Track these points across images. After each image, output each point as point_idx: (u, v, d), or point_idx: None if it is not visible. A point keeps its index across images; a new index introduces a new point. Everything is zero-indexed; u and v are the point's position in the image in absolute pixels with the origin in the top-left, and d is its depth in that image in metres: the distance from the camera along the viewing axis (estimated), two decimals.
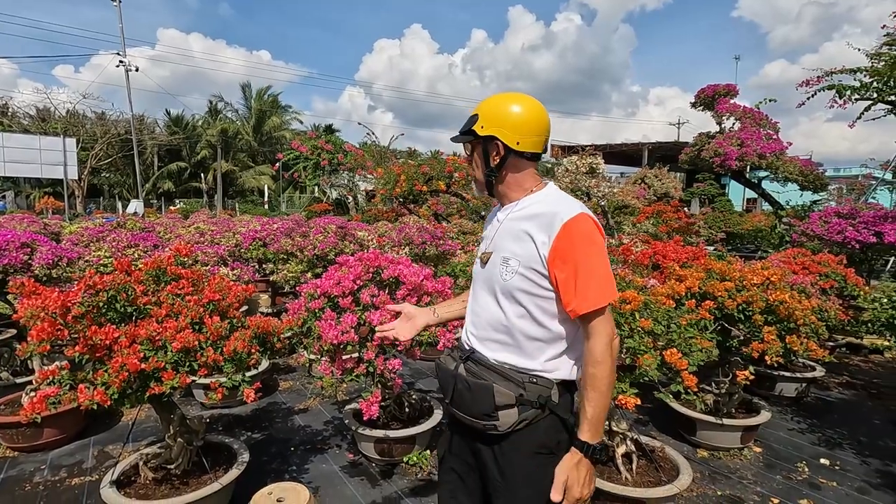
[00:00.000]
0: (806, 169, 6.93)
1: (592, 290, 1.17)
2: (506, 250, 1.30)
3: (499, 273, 1.29)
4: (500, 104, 1.32)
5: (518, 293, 1.26)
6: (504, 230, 1.34)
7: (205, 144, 33.60)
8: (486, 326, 1.34)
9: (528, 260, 1.24)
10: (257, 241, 4.38)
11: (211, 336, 2.10)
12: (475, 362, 1.34)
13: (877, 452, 3.14)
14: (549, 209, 1.25)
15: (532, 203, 1.32)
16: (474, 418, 1.29)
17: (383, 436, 2.82)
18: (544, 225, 1.23)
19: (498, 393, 1.25)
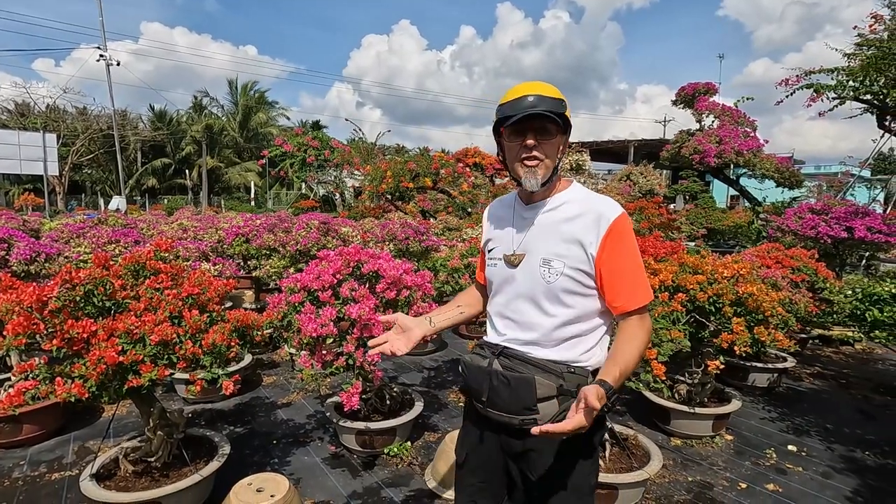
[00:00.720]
0: (782, 166, 7.10)
1: (641, 288, 1.24)
2: (546, 252, 1.28)
3: (540, 275, 1.28)
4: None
5: (563, 294, 1.26)
6: (540, 230, 1.32)
7: (189, 140, 33.17)
8: (523, 329, 1.31)
9: (575, 261, 1.25)
10: (240, 237, 4.38)
11: (190, 329, 2.12)
12: (509, 357, 1.31)
13: (842, 439, 3.26)
14: (592, 208, 1.27)
15: (566, 202, 1.32)
16: (513, 414, 1.27)
17: (364, 427, 2.86)
18: (590, 225, 1.25)
19: (539, 385, 1.23)
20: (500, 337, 1.36)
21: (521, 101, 1.26)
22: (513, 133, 1.29)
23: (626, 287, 1.22)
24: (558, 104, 1.25)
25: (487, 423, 1.38)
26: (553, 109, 1.23)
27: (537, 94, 1.25)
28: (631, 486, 2.39)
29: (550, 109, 1.23)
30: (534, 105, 1.23)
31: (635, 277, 1.23)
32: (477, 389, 1.35)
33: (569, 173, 8.47)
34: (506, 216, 1.43)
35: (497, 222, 1.47)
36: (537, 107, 1.23)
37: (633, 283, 1.23)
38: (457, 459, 1.52)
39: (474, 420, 1.45)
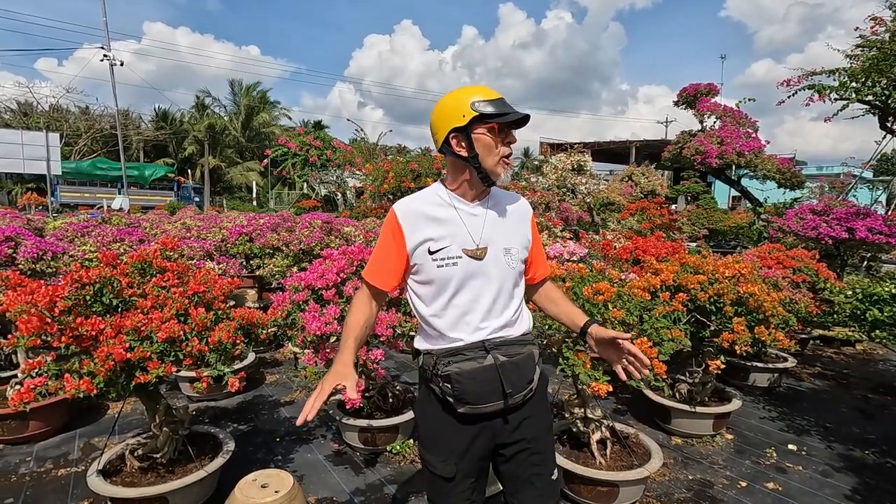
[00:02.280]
0: (784, 167, 7.11)
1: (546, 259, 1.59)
2: (504, 242, 1.43)
3: (505, 263, 1.41)
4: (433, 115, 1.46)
5: (518, 277, 1.46)
6: (495, 223, 1.43)
7: (192, 140, 33.25)
8: (498, 315, 1.41)
9: (521, 247, 1.46)
10: (243, 236, 4.41)
11: (196, 327, 2.15)
12: (499, 346, 1.39)
13: (841, 438, 3.28)
14: (518, 202, 1.52)
15: (499, 198, 1.49)
16: (523, 391, 1.41)
17: (367, 425, 2.89)
18: (524, 215, 1.50)
19: (535, 355, 1.46)
20: (477, 331, 1.36)
21: (505, 103, 1.34)
22: (501, 131, 1.35)
23: (544, 260, 1.59)
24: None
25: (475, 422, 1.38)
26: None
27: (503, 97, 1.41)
28: (631, 483, 2.41)
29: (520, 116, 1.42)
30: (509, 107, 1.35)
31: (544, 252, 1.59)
32: (487, 392, 1.34)
33: (571, 173, 8.48)
34: (447, 215, 1.39)
35: (436, 222, 1.38)
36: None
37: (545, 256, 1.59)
38: (445, 476, 1.43)
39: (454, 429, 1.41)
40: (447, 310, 1.39)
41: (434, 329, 1.40)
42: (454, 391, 1.34)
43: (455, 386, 1.34)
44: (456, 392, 1.34)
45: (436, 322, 1.40)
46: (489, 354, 1.35)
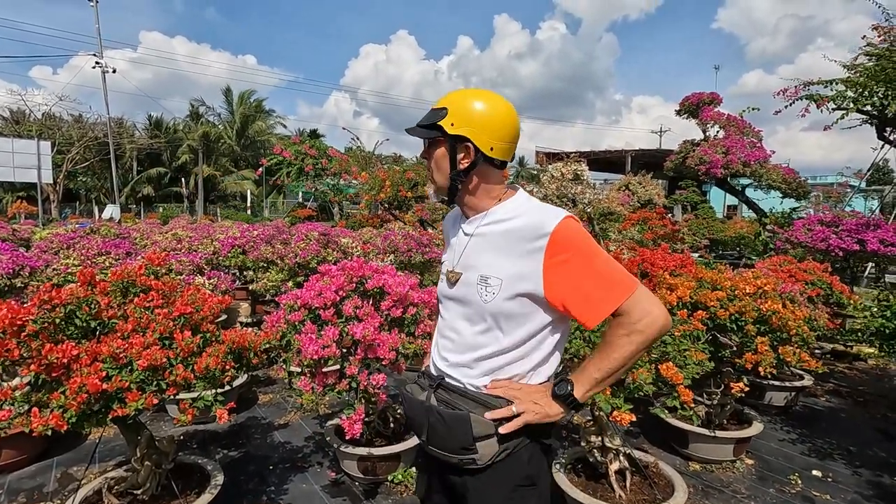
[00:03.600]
0: (789, 177, 7.02)
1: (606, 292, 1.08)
2: (483, 268, 1.17)
3: (477, 293, 1.16)
4: (474, 101, 1.17)
5: (500, 317, 1.14)
6: (477, 245, 1.21)
7: (186, 149, 33.01)
8: (460, 351, 1.22)
9: (514, 281, 1.12)
10: (236, 248, 4.22)
11: (181, 352, 1.96)
12: (446, 389, 1.22)
13: (867, 462, 3.11)
14: (528, 222, 1.14)
15: (504, 214, 1.19)
16: (450, 453, 1.17)
17: (367, 454, 2.69)
18: (527, 242, 1.11)
19: (475, 423, 1.13)
20: (441, 361, 1.27)
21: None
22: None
23: (588, 301, 1.08)
24: (432, 115, 1.19)
25: (434, 460, 1.26)
26: (422, 122, 1.21)
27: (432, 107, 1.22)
28: None
29: (420, 123, 1.22)
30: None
31: (597, 283, 1.08)
32: (417, 425, 1.27)
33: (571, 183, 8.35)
34: (452, 230, 1.35)
35: (448, 236, 1.38)
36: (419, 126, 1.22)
37: (593, 292, 1.08)
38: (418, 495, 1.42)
39: (424, 457, 1.36)
40: (437, 324, 1.37)
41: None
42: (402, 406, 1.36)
43: (402, 401, 1.36)
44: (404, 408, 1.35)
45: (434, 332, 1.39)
46: (431, 392, 1.24)
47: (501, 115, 1.17)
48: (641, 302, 1.07)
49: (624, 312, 1.08)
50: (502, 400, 1.15)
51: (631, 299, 1.07)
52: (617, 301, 1.07)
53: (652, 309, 1.07)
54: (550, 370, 1.21)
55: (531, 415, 1.12)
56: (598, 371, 1.11)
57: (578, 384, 1.12)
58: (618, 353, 1.09)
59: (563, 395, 1.12)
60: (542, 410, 1.12)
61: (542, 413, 1.12)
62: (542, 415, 1.12)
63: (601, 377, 1.11)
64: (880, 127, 8.06)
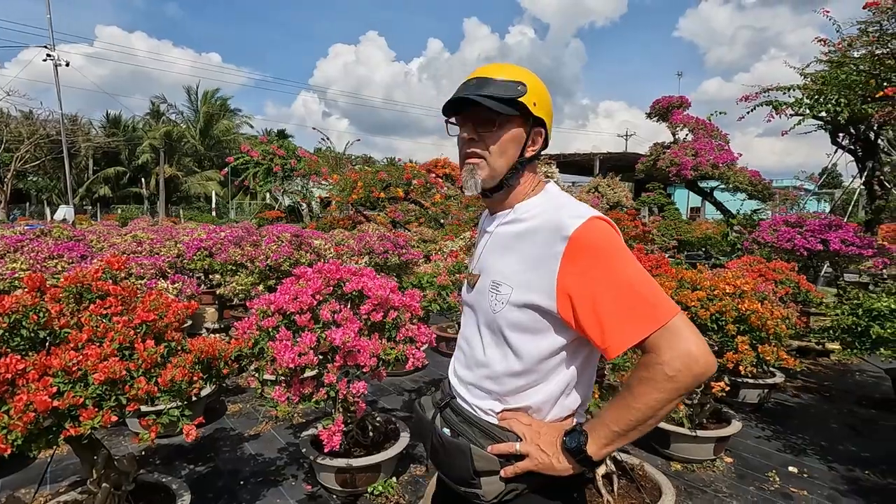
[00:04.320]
0: (755, 179, 7.26)
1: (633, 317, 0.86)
2: (495, 273, 1.03)
3: (487, 302, 1.02)
4: (542, 84, 1.03)
5: (508, 329, 0.98)
6: (494, 247, 1.07)
7: (146, 148, 31.74)
8: (468, 366, 1.09)
9: (525, 290, 0.96)
10: (202, 251, 4.00)
11: (143, 364, 1.80)
12: (455, 412, 1.09)
13: (839, 457, 3.18)
14: (548, 221, 0.97)
15: (528, 211, 1.04)
16: (454, 483, 1.04)
17: (346, 465, 2.56)
18: (543, 244, 0.95)
19: (477, 456, 0.98)
20: (453, 375, 1.16)
21: (463, 86, 1.03)
22: (458, 126, 1.06)
23: (606, 324, 0.87)
24: (509, 87, 0.98)
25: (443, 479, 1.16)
26: (496, 94, 0.97)
27: (483, 75, 1.01)
28: None
29: (491, 93, 0.97)
30: (472, 89, 0.99)
31: (622, 304, 0.86)
32: (423, 442, 1.16)
33: None
34: (482, 228, 1.22)
35: (479, 235, 1.25)
36: (474, 91, 0.98)
37: (614, 314, 0.86)
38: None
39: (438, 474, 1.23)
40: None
41: None
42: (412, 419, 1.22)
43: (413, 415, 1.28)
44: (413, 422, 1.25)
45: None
46: (438, 412, 1.13)
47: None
48: (678, 335, 0.84)
49: (651, 348, 0.85)
50: (510, 434, 0.99)
51: (663, 330, 0.84)
52: (645, 330, 0.85)
53: (690, 347, 0.83)
54: (575, 403, 1.02)
55: (534, 461, 0.95)
56: (616, 423, 0.89)
57: (594, 438, 0.91)
58: (641, 403, 0.86)
59: (573, 449, 0.91)
60: (546, 461, 0.94)
61: (546, 463, 0.94)
62: (546, 465, 0.94)
63: (621, 430, 0.89)
64: (833, 132, 8.46)
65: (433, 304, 2.95)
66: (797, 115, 6.73)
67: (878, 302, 2.78)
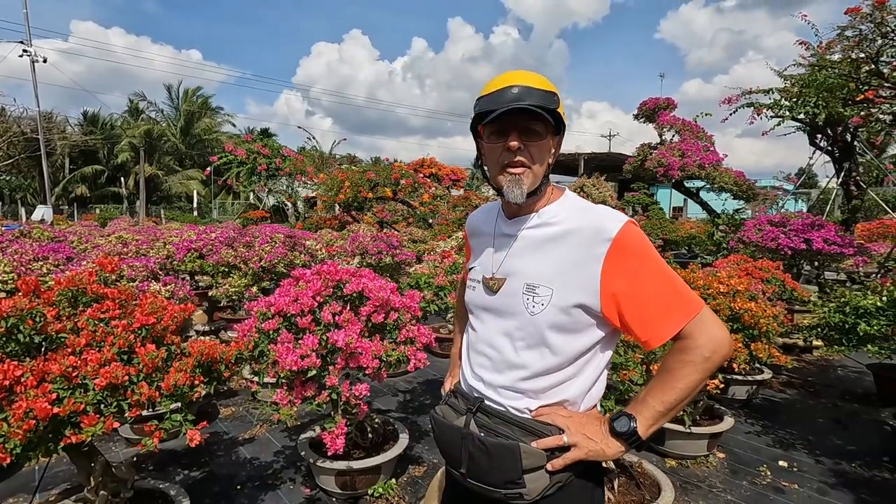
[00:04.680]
0: (740, 179, 7.42)
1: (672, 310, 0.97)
2: (530, 276, 1.05)
3: (522, 304, 1.04)
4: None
5: (549, 331, 1.02)
6: (524, 250, 1.09)
7: (126, 146, 31.06)
8: (499, 370, 1.09)
9: (566, 291, 1.00)
10: (192, 252, 3.93)
11: (145, 368, 1.76)
12: (487, 414, 1.09)
13: (826, 451, 3.27)
14: (587, 223, 1.02)
15: (556, 215, 1.08)
16: (494, 487, 1.03)
17: (346, 467, 2.54)
18: (586, 245, 1.00)
19: (525, 454, 1.00)
20: (476, 380, 1.14)
21: (503, 92, 1.02)
22: (494, 133, 1.06)
23: (650, 318, 0.97)
24: (549, 98, 1.02)
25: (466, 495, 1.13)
26: (543, 104, 1.00)
27: (524, 84, 1.02)
28: None
29: (540, 104, 1.00)
30: (519, 98, 1.00)
31: (661, 299, 0.97)
32: (452, 455, 1.12)
33: None
34: (486, 231, 1.21)
35: (478, 237, 1.25)
36: (523, 100, 0.99)
37: (658, 308, 0.97)
38: None
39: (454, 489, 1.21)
40: (466, 337, 1.23)
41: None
42: (433, 432, 1.22)
43: (432, 428, 1.22)
44: (434, 434, 1.20)
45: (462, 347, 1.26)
46: (466, 415, 1.11)
47: None
48: (707, 323, 0.97)
49: (687, 335, 0.97)
50: (552, 427, 1.03)
51: (696, 320, 0.97)
52: (682, 320, 0.96)
53: (718, 332, 0.97)
54: (599, 393, 1.10)
55: (583, 450, 0.99)
56: (662, 404, 0.98)
57: (641, 420, 0.98)
58: (682, 383, 0.96)
59: (625, 432, 0.98)
60: (597, 447, 0.99)
61: (596, 450, 0.99)
62: (597, 452, 0.99)
63: (665, 409, 0.98)
64: (812, 134, 8.69)
65: (431, 305, 2.95)
66: (777, 116, 6.91)
67: (864, 300, 2.87)
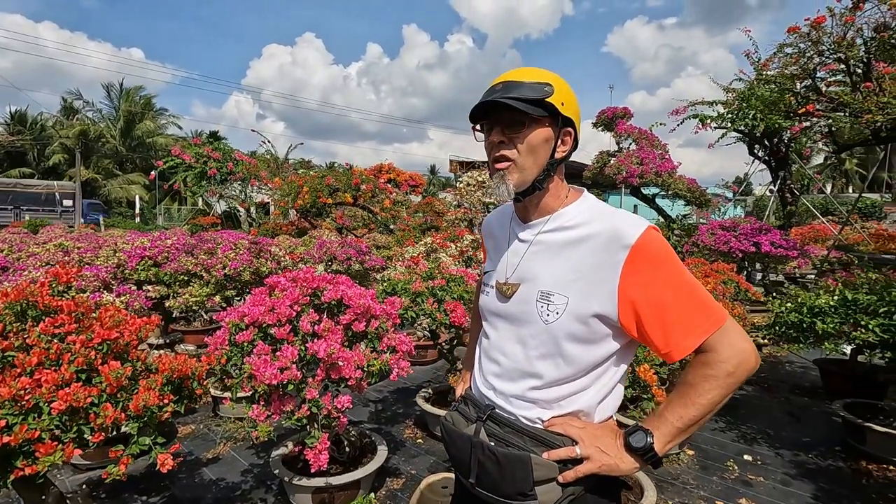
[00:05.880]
0: (693, 186, 7.80)
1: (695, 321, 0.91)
2: (545, 283, 1.00)
3: (536, 312, 1.00)
4: (568, 86, 1.03)
5: (564, 340, 0.97)
6: (538, 255, 1.04)
7: (58, 148, 29.00)
8: (511, 378, 1.06)
9: (582, 299, 0.95)
10: (146, 260, 3.66)
11: (109, 388, 1.60)
12: (498, 423, 1.06)
13: (785, 444, 3.44)
14: (605, 228, 0.97)
15: (573, 219, 1.03)
16: (505, 498, 1.00)
17: (325, 484, 2.42)
18: (602, 251, 0.95)
19: (537, 465, 0.96)
20: (487, 388, 1.11)
21: (490, 91, 1.02)
22: (485, 132, 1.06)
23: (672, 330, 0.91)
24: (538, 88, 0.98)
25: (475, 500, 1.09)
26: (526, 95, 0.97)
27: (511, 79, 1.01)
28: None
29: (521, 96, 0.97)
30: (494, 93, 0.99)
31: (683, 310, 0.91)
32: (462, 463, 1.09)
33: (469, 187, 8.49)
34: (501, 234, 1.18)
35: (493, 240, 1.22)
36: (497, 95, 0.98)
37: (680, 318, 0.91)
38: None
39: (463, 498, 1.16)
40: (480, 343, 1.20)
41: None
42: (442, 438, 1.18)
43: (442, 435, 1.18)
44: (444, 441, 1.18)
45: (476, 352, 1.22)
46: (480, 425, 1.07)
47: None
48: (731, 336, 0.92)
49: (710, 348, 0.91)
50: (565, 438, 0.99)
51: (720, 332, 0.91)
52: (706, 332, 0.91)
53: (744, 345, 0.92)
54: (615, 404, 1.06)
55: (597, 464, 0.95)
56: (680, 420, 0.93)
57: (658, 436, 0.94)
58: (704, 399, 0.92)
59: (641, 448, 0.93)
60: (611, 461, 0.95)
61: (610, 464, 0.95)
62: (611, 467, 0.95)
63: (683, 426, 0.93)
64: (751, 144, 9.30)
65: (409, 312, 2.88)
66: (721, 127, 7.34)
67: (818, 300, 3.05)
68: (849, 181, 33.53)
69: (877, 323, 2.81)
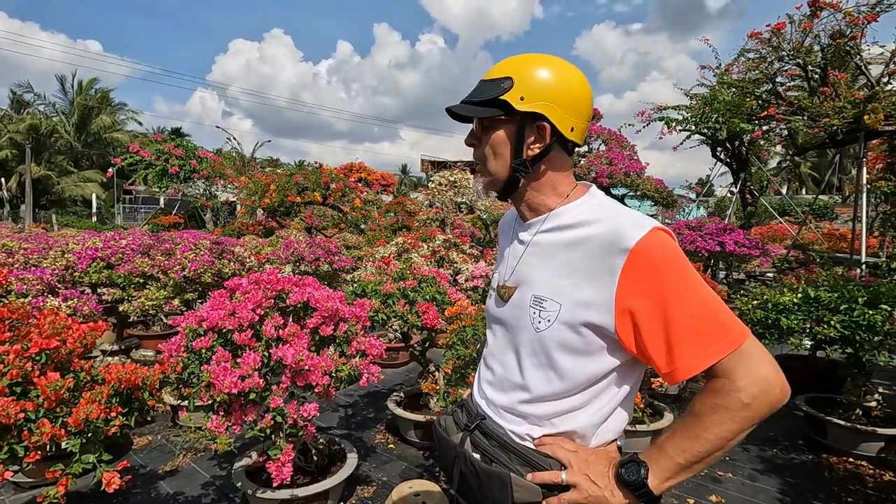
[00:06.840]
0: (660, 187, 7.97)
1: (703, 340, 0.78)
2: (538, 287, 0.92)
3: (528, 318, 0.92)
4: (546, 68, 0.90)
5: (556, 351, 0.88)
6: (534, 257, 0.96)
7: (7, 143, 27.44)
8: (503, 389, 0.98)
9: (575, 307, 0.86)
10: (98, 261, 3.43)
11: (46, 402, 1.46)
12: (486, 435, 0.99)
13: (751, 439, 3.51)
14: (604, 229, 0.86)
15: (573, 218, 0.92)
16: None
17: (290, 496, 2.30)
18: (599, 255, 0.85)
19: (517, 486, 0.88)
20: (480, 397, 1.05)
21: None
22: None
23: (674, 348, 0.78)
24: (493, 86, 0.91)
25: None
26: (478, 97, 0.92)
27: (485, 77, 0.95)
28: None
29: (473, 99, 0.93)
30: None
31: (691, 324, 0.78)
32: (446, 471, 1.05)
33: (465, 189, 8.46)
34: (506, 236, 1.11)
35: (502, 241, 1.14)
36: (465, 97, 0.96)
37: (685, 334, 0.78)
38: None
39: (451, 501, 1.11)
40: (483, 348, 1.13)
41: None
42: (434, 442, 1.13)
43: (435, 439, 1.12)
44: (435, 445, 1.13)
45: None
46: (467, 435, 1.02)
47: (578, 85, 0.92)
48: (751, 360, 0.77)
49: (724, 373, 0.77)
50: (552, 461, 0.90)
51: (737, 354, 0.77)
52: (718, 354, 0.77)
53: (765, 372, 0.76)
54: (617, 429, 0.95)
55: (582, 493, 0.85)
56: (682, 455, 0.80)
57: (655, 470, 0.82)
58: (711, 433, 0.78)
59: (633, 483, 0.82)
60: (599, 493, 0.84)
61: (598, 497, 0.84)
62: (598, 499, 0.84)
63: (686, 462, 0.81)
64: (713, 147, 9.60)
65: (379, 314, 2.79)
66: (685, 130, 7.55)
67: (783, 297, 3.12)
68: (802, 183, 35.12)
69: (838, 319, 2.89)
